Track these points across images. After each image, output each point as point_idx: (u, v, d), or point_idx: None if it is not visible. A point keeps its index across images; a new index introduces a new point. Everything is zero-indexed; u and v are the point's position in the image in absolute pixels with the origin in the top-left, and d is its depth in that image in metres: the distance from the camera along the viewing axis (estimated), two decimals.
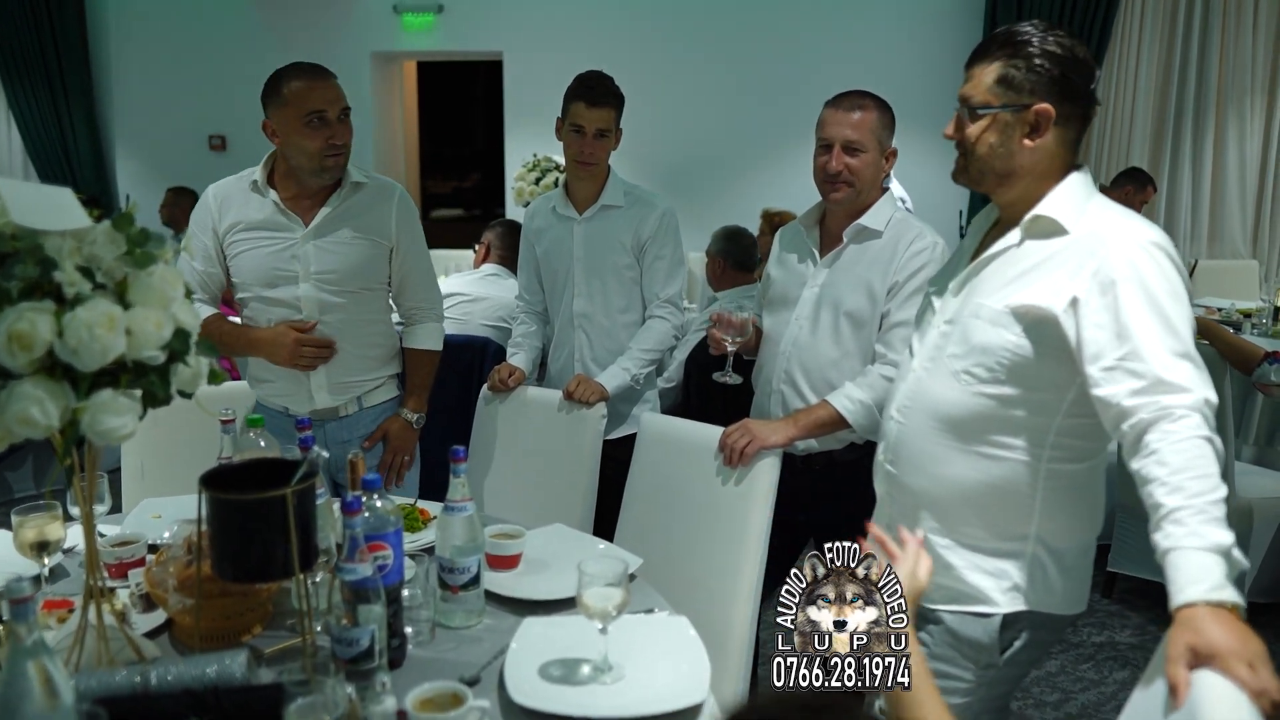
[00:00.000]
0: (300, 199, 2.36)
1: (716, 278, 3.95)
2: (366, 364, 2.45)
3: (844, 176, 2.19)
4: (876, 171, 2.22)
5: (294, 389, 2.41)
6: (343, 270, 2.37)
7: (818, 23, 6.40)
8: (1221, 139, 5.88)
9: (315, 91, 2.26)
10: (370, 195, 2.41)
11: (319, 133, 2.26)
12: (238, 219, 2.37)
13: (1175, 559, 1.30)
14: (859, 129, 2.19)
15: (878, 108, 2.23)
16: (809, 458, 2.27)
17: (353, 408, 2.46)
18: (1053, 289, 1.56)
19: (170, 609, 1.54)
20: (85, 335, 1.18)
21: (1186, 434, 1.37)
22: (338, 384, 2.42)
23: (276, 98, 2.29)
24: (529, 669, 1.49)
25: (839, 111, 2.23)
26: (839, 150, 2.20)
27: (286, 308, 2.36)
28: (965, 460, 1.66)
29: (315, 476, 1.48)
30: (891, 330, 2.18)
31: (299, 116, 2.25)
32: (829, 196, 2.24)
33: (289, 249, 2.35)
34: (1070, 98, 1.60)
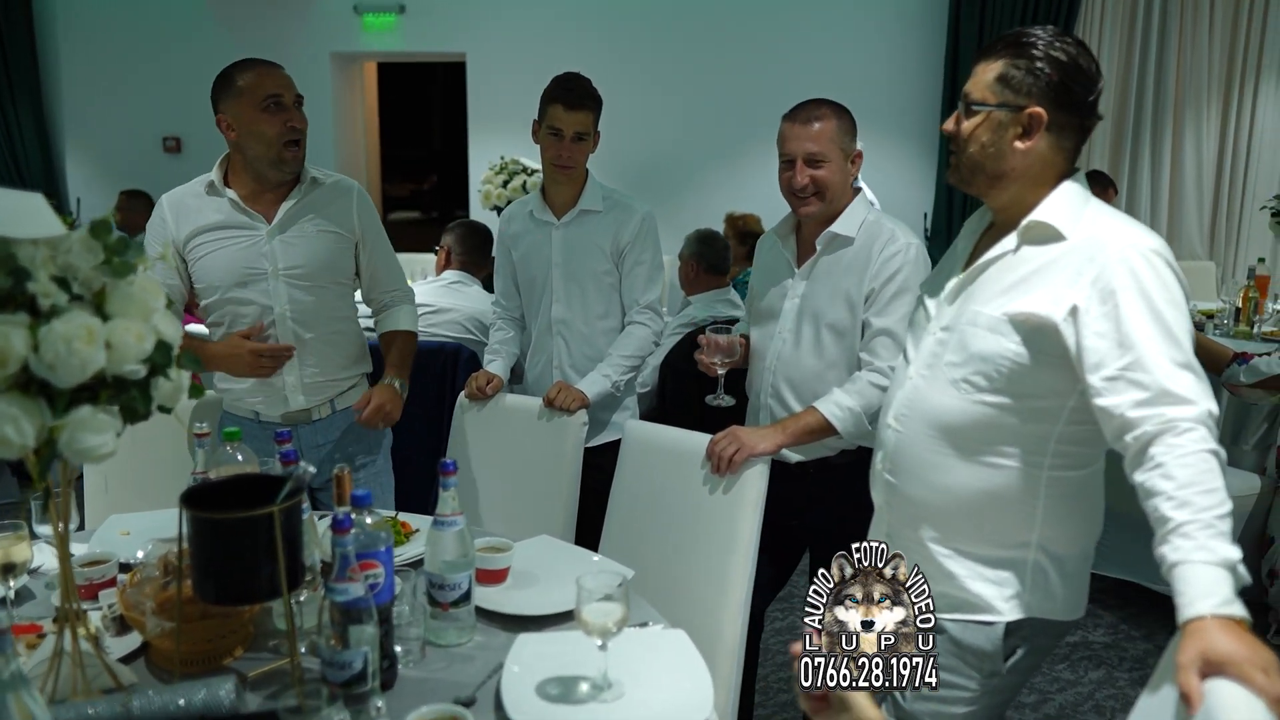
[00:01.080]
0: (259, 196, 2.33)
1: (689, 281, 3.92)
2: (338, 362, 2.42)
3: (810, 190, 2.17)
4: (844, 178, 2.19)
5: (266, 391, 2.36)
6: (311, 264, 2.34)
7: (782, 25, 6.40)
8: (1179, 142, 5.98)
9: (269, 78, 2.25)
10: (329, 191, 2.39)
11: (276, 117, 2.22)
12: (197, 224, 2.32)
13: (1184, 573, 1.29)
14: (819, 140, 2.16)
15: (835, 115, 2.19)
16: (803, 464, 2.24)
17: (326, 410, 2.41)
18: (1051, 297, 1.54)
19: (148, 633, 1.48)
20: (63, 349, 1.12)
21: (1192, 448, 1.36)
22: (312, 384, 2.38)
23: (230, 90, 2.25)
24: (526, 688, 1.45)
25: (796, 125, 2.19)
26: (801, 164, 2.17)
27: (258, 306, 2.32)
28: (966, 469, 1.64)
29: (302, 493, 1.42)
30: (875, 338, 2.16)
31: (255, 103, 2.21)
32: (800, 211, 2.22)
33: (255, 246, 2.31)
34: (1067, 106, 1.59)
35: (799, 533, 2.36)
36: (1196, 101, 5.89)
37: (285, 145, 2.24)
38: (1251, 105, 5.84)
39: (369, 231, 2.44)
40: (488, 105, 6.82)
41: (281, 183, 2.33)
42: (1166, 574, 1.33)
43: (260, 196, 2.33)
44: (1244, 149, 5.93)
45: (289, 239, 2.32)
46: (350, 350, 2.45)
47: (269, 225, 2.32)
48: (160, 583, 1.58)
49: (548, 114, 2.56)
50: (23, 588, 1.78)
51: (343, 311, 2.44)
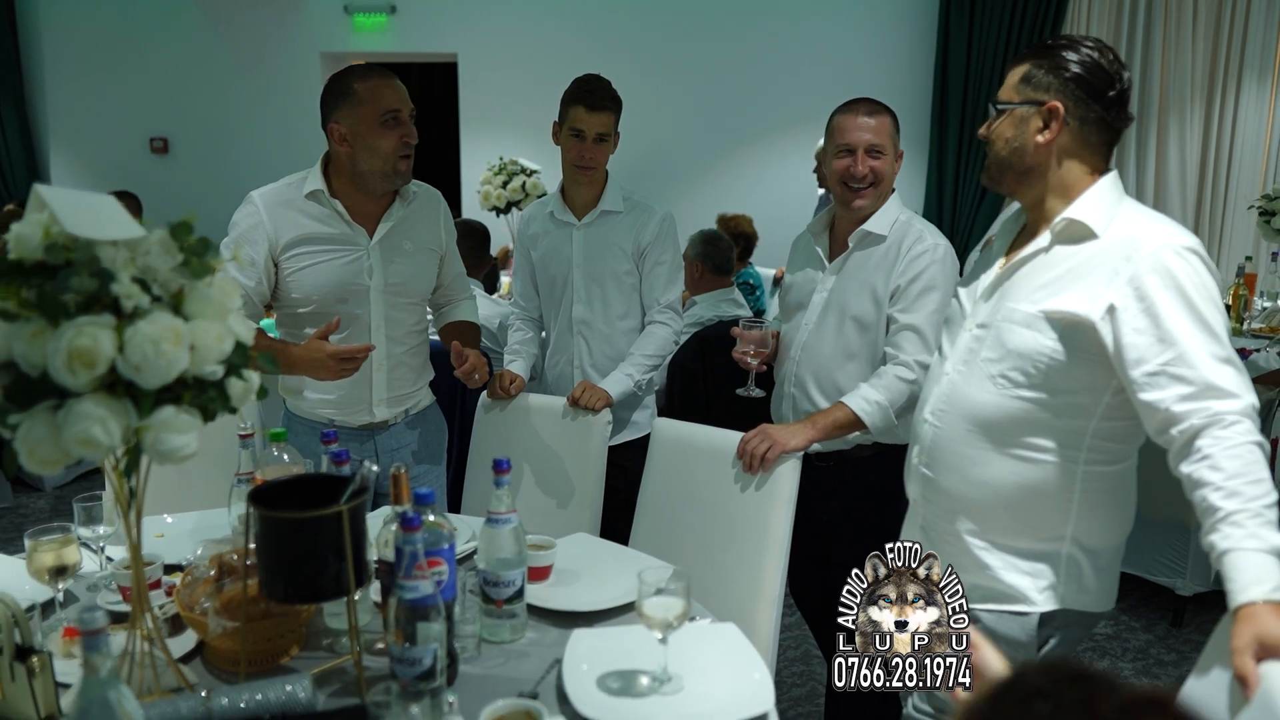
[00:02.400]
0: (360, 207, 2.29)
1: (694, 281, 3.95)
2: (416, 373, 2.45)
3: (869, 180, 2.23)
4: (893, 173, 2.27)
5: (354, 403, 2.35)
6: (408, 281, 2.35)
7: (772, 28, 6.44)
8: (1163, 142, 6.07)
9: (390, 89, 2.20)
10: (422, 204, 2.39)
11: (394, 131, 2.19)
12: (297, 233, 2.26)
13: (1236, 560, 1.34)
14: (879, 133, 2.24)
15: (889, 113, 2.28)
16: (821, 455, 2.29)
17: (401, 418, 2.43)
18: (1088, 295, 1.58)
19: (210, 633, 1.48)
20: (150, 351, 1.13)
21: (1239, 439, 1.41)
22: (396, 396, 2.39)
23: (347, 99, 2.19)
24: (588, 682, 1.47)
25: (858, 117, 2.25)
26: (863, 154, 2.23)
27: (353, 323, 2.29)
28: (1002, 463, 1.68)
29: (367, 493, 1.43)
30: (900, 333, 2.20)
31: (375, 115, 2.17)
32: (853, 203, 2.26)
33: (357, 261, 2.28)
34: (1086, 99, 1.64)
35: (815, 525, 2.40)
36: (1180, 103, 5.99)
37: (400, 158, 2.22)
38: (1234, 106, 5.94)
39: (450, 243, 2.47)
40: (479, 106, 6.81)
41: (386, 194, 2.30)
42: (1216, 562, 1.37)
43: (361, 207, 2.29)
44: (1226, 149, 6.03)
45: (388, 255, 2.31)
46: (424, 359, 2.48)
47: (370, 240, 2.29)
48: (214, 582, 1.59)
49: (569, 115, 2.57)
50: (67, 590, 1.77)
51: (423, 324, 2.46)
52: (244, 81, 6.83)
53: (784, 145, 6.44)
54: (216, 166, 6.84)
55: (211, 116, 6.93)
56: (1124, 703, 0.64)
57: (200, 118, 6.97)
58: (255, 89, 6.82)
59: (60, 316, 1.12)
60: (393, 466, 1.55)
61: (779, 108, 6.48)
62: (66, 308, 1.13)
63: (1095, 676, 0.67)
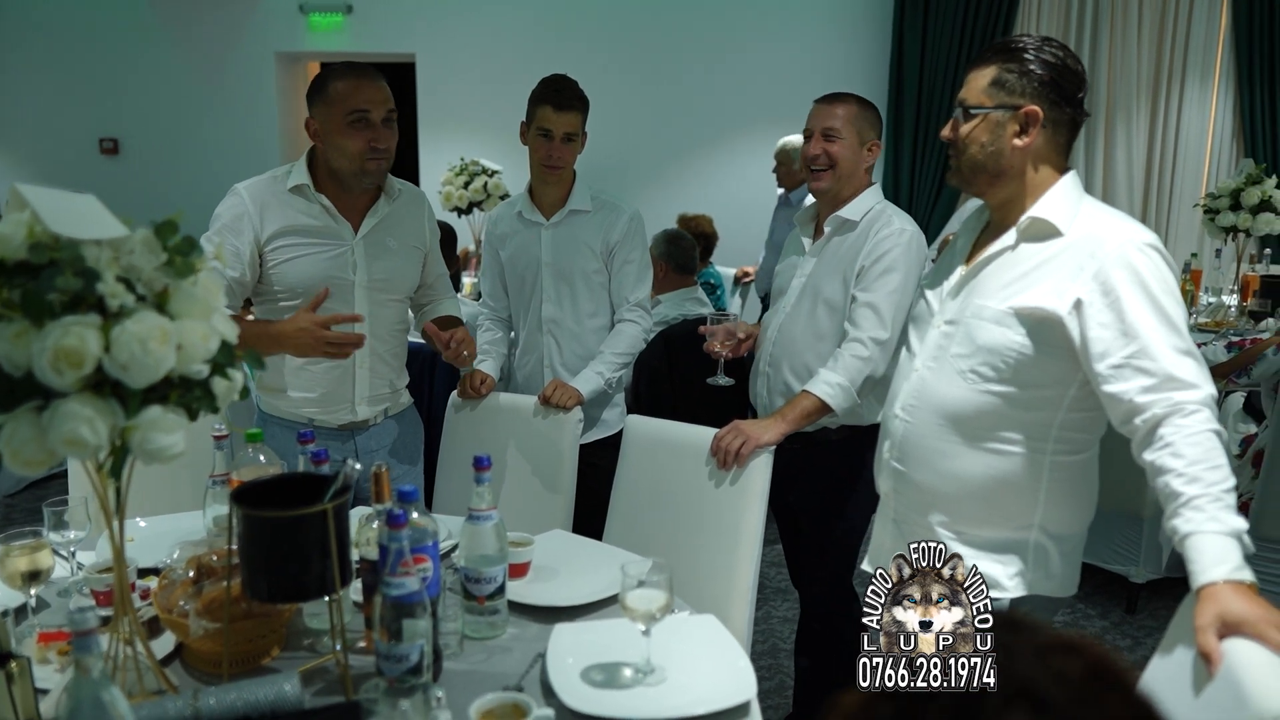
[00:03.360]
0: (342, 201, 2.29)
1: (658, 281, 3.96)
2: (397, 373, 2.45)
3: (823, 162, 2.32)
4: (855, 158, 2.33)
5: (337, 401, 2.34)
6: (392, 277, 2.36)
7: (731, 29, 6.50)
8: (1110, 142, 6.23)
9: (361, 91, 2.19)
10: (406, 201, 2.40)
11: (361, 134, 2.19)
12: (284, 224, 2.25)
13: (1197, 542, 1.39)
14: (836, 117, 2.32)
15: (858, 102, 2.36)
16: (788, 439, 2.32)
17: (381, 418, 2.42)
18: (1054, 291, 1.63)
19: (191, 634, 1.47)
20: (137, 350, 1.12)
21: (1199, 427, 1.47)
22: (377, 395, 2.39)
23: (321, 95, 2.21)
24: (572, 675, 1.49)
25: (821, 105, 2.37)
26: (818, 136, 2.33)
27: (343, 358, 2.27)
28: (973, 456, 1.73)
29: (350, 491, 1.44)
30: (858, 310, 2.27)
31: (342, 115, 2.18)
32: (812, 186, 2.38)
33: (342, 255, 2.28)
34: (1059, 103, 1.69)
35: (782, 509, 2.50)
36: (1126, 103, 6.15)
37: (368, 160, 2.22)
38: (1178, 107, 6.11)
39: (433, 242, 2.48)
40: (438, 106, 6.79)
41: (368, 190, 2.31)
42: (1179, 544, 1.43)
43: (345, 203, 2.30)
44: (1171, 149, 6.20)
45: (373, 251, 2.32)
46: (404, 359, 2.49)
47: (355, 235, 2.30)
48: (192, 584, 1.58)
49: (537, 115, 2.58)
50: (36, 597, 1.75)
51: (405, 323, 2.47)
52: (197, 81, 6.73)
53: (742, 145, 6.50)
54: (169, 168, 6.74)
55: (164, 117, 6.82)
56: (1041, 645, 0.69)
57: (152, 118, 6.86)
58: (209, 89, 6.72)
59: (45, 316, 1.12)
60: (374, 465, 1.56)
61: (737, 108, 6.54)
62: (52, 307, 1.12)
63: (1020, 622, 0.73)
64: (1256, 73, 5.83)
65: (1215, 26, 6.02)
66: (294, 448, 1.81)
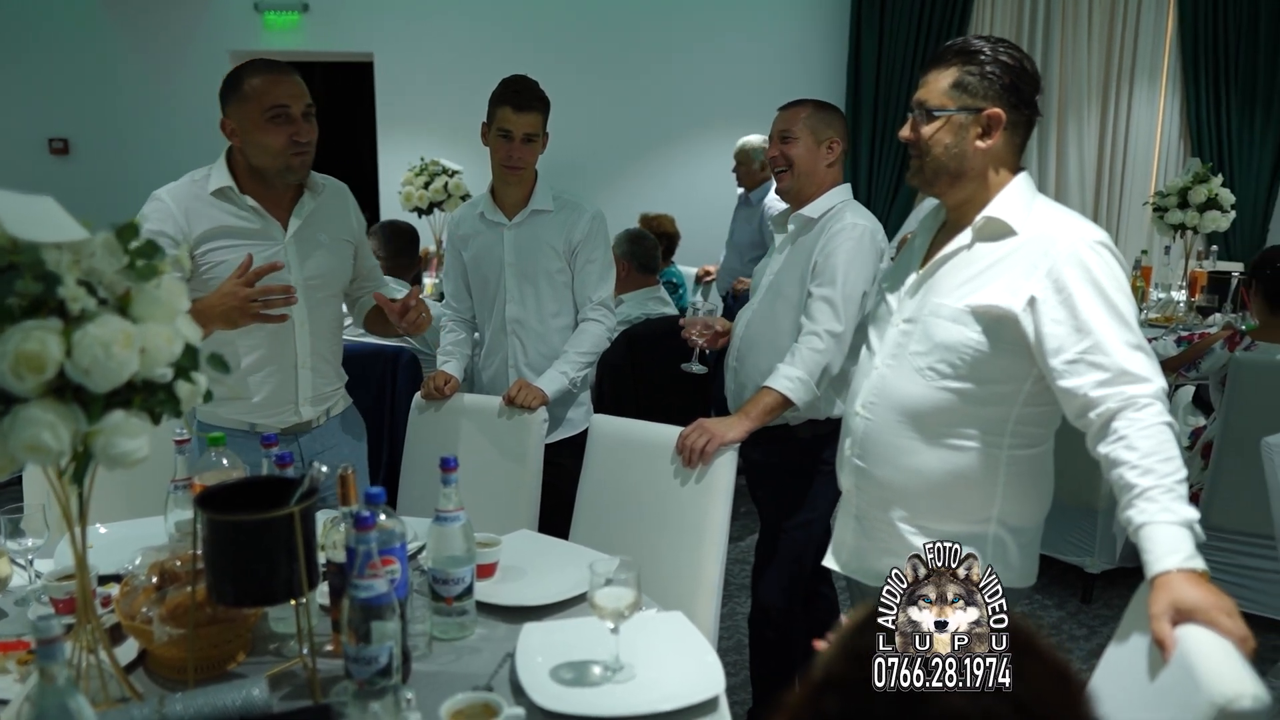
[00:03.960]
0: (270, 204, 2.26)
1: (621, 280, 3.97)
2: (336, 371, 2.44)
3: (781, 164, 2.40)
4: (812, 157, 2.39)
5: (281, 404, 2.31)
6: (326, 274, 2.33)
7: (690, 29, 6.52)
8: (1062, 142, 6.35)
9: (278, 86, 2.15)
10: (331, 195, 2.37)
11: (283, 129, 2.15)
12: (213, 226, 2.20)
13: (1151, 532, 1.43)
14: (791, 119, 2.40)
15: (814, 105, 2.42)
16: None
17: (324, 418, 2.40)
18: (1010, 289, 1.67)
19: (155, 641, 1.46)
20: (100, 354, 1.11)
21: (1151, 420, 1.51)
22: (320, 394, 2.37)
23: (236, 94, 2.17)
24: (542, 674, 1.49)
25: (779, 112, 2.43)
26: (775, 139, 2.42)
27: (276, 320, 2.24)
28: (932, 452, 1.76)
29: (317, 494, 1.43)
30: (812, 304, 2.31)
31: (260, 112, 2.14)
32: (777, 186, 2.47)
33: (276, 255, 2.23)
34: (1018, 104, 1.72)
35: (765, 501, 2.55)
36: (1078, 104, 6.27)
37: (292, 155, 2.18)
38: (1127, 107, 6.25)
39: (361, 232, 2.47)
40: (397, 106, 6.74)
41: (289, 188, 2.27)
42: (1133, 535, 1.46)
43: (269, 201, 2.25)
44: (1121, 148, 6.34)
45: (305, 248, 2.29)
46: (340, 358, 2.47)
47: (285, 233, 2.27)
48: (155, 591, 1.56)
49: (497, 116, 2.58)
50: None
51: (341, 319, 2.46)
52: (150, 80, 6.62)
53: (703, 145, 6.53)
54: (121, 168, 6.62)
55: (115, 116, 6.70)
56: None
57: (103, 118, 6.73)
58: (161, 88, 6.61)
59: (5, 321, 1.10)
60: (339, 468, 1.55)
61: (697, 108, 6.57)
62: (11, 312, 1.11)
63: None
64: (1202, 73, 5.98)
65: (1162, 28, 6.16)
66: (241, 453, 1.80)
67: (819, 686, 0.77)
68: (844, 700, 0.75)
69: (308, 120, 2.20)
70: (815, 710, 0.76)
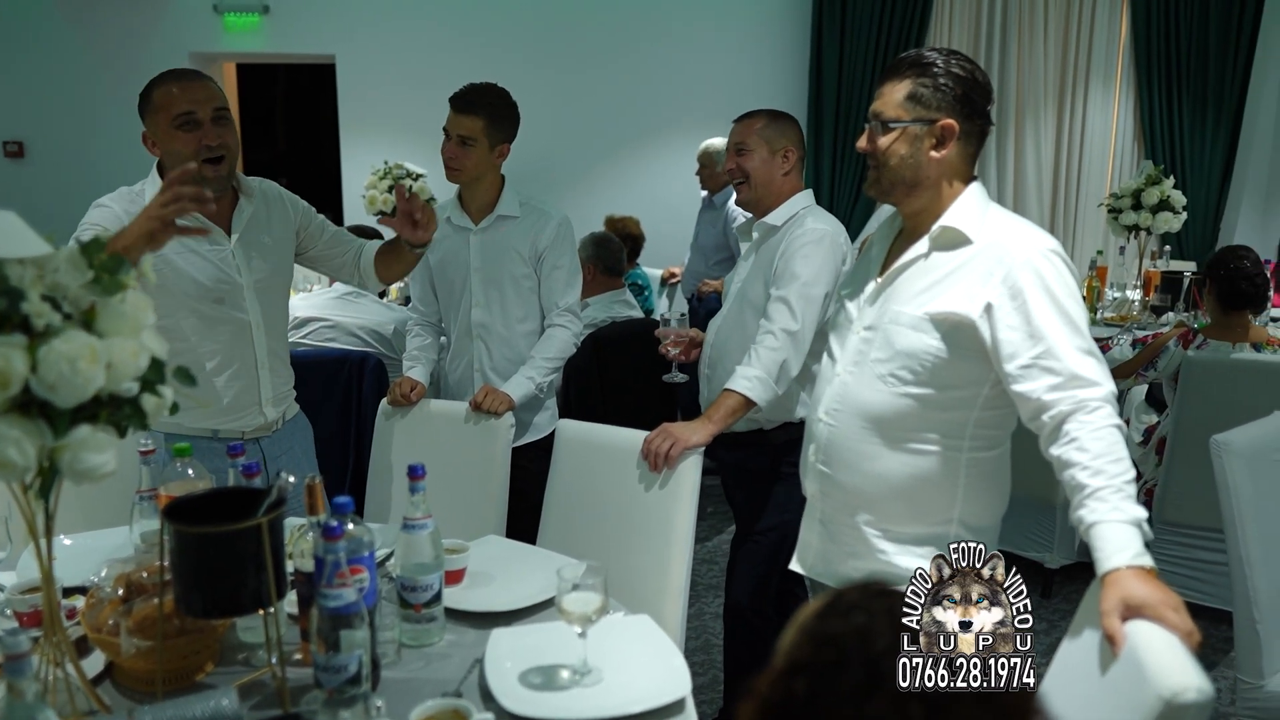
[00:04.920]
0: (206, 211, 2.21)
1: (586, 284, 3.98)
2: (288, 369, 2.44)
3: (738, 175, 2.45)
4: (768, 168, 2.43)
5: (245, 407, 2.31)
6: (273, 274, 2.35)
7: (653, 30, 6.55)
8: (1020, 144, 6.46)
9: (185, 93, 2.15)
10: (265, 197, 2.37)
11: (191, 135, 2.14)
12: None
13: (1101, 531, 1.48)
14: (745, 132, 2.44)
15: (768, 115, 2.46)
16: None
17: (281, 422, 2.41)
18: (966, 296, 1.71)
19: (123, 653, 1.46)
20: (66, 369, 1.12)
21: (1101, 423, 1.56)
22: (279, 394, 2.39)
23: (147, 105, 2.18)
24: (511, 679, 1.51)
25: (734, 125, 2.47)
26: (731, 153, 2.45)
27: (233, 323, 2.27)
28: (894, 456, 1.80)
29: (285, 504, 1.44)
30: (771, 304, 2.35)
31: (169, 120, 2.14)
32: (736, 199, 2.52)
33: (224, 260, 2.25)
34: (971, 115, 1.77)
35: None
36: (1035, 107, 6.38)
37: (204, 163, 2.14)
38: (1083, 110, 6.37)
39: (304, 213, 2.44)
40: (360, 108, 6.70)
41: (221, 195, 2.25)
42: (1084, 534, 1.51)
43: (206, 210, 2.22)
44: (1077, 150, 6.46)
45: (250, 251, 2.30)
46: (289, 358, 2.47)
47: (229, 238, 2.28)
48: (122, 602, 1.56)
49: (447, 116, 2.62)
50: None
51: (287, 320, 2.49)
52: (107, 82, 6.51)
53: (668, 148, 6.56)
54: (78, 171, 6.51)
55: (72, 118, 6.59)
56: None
57: (59, 120, 6.62)
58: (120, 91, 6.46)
59: None
60: (306, 477, 1.56)
61: (661, 110, 6.60)
62: None
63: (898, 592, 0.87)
64: (1155, 77, 6.11)
65: (1116, 33, 6.29)
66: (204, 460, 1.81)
67: (786, 671, 0.81)
68: (811, 680, 0.79)
69: (218, 124, 2.16)
70: (785, 692, 0.80)
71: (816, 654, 0.81)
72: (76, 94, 6.61)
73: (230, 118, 2.21)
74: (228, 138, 2.19)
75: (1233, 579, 2.28)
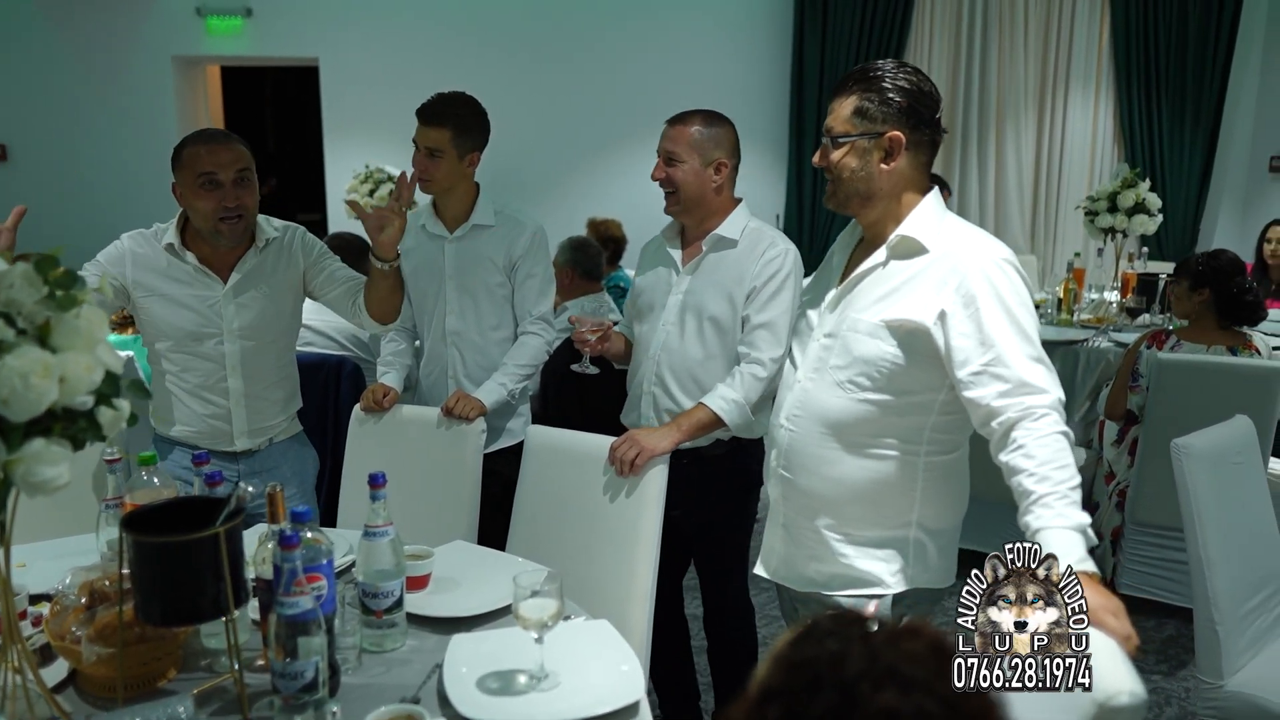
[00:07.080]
0: (214, 256, 2.40)
1: (565, 288, 4.02)
2: (278, 406, 2.53)
3: (667, 186, 2.37)
4: (699, 181, 2.35)
5: (216, 435, 2.44)
6: (262, 324, 2.44)
7: (636, 34, 6.58)
8: (1001, 148, 6.51)
9: (211, 155, 2.29)
10: (280, 247, 2.47)
11: (211, 195, 2.29)
12: (153, 279, 2.38)
13: (1046, 537, 1.51)
14: (677, 141, 2.35)
15: (703, 121, 2.36)
16: (680, 453, 2.38)
17: (265, 445, 2.50)
18: (922, 304, 1.74)
19: (84, 660, 1.48)
20: (18, 384, 1.14)
21: (1048, 430, 1.59)
22: (258, 428, 2.48)
23: (178, 161, 2.34)
24: (468, 684, 1.53)
25: (666, 127, 2.39)
26: (660, 161, 2.38)
27: (211, 361, 2.41)
28: (854, 461, 1.83)
29: (243, 514, 1.46)
30: (754, 331, 2.33)
31: (193, 178, 2.29)
32: (666, 208, 2.42)
33: (212, 306, 2.39)
34: (918, 126, 1.80)
35: (680, 523, 2.49)
36: (1015, 111, 6.43)
37: (220, 220, 2.31)
38: (1063, 114, 6.42)
39: (318, 262, 2.52)
40: (343, 111, 6.71)
41: (232, 247, 2.40)
42: (1030, 539, 1.54)
43: (216, 256, 2.40)
44: (1057, 153, 6.51)
45: (243, 301, 2.42)
46: (287, 392, 2.58)
47: (224, 287, 2.40)
48: (85, 610, 1.58)
49: (416, 128, 2.63)
50: None
51: (285, 358, 2.56)
52: (90, 85, 6.53)
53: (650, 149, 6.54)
54: (61, 174, 6.53)
55: (55, 121, 6.61)
56: (891, 632, 0.82)
57: (42, 123, 6.63)
58: (103, 93, 6.53)
59: None
60: (268, 485, 1.58)
61: (644, 111, 6.58)
62: None
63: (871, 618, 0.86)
64: (1135, 81, 6.16)
65: (1095, 37, 6.34)
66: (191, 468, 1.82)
67: (759, 699, 0.82)
68: (784, 706, 0.80)
69: (239, 186, 2.32)
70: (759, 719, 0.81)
71: (789, 679, 0.82)
72: (59, 97, 6.61)
73: (252, 179, 2.36)
74: (246, 199, 2.34)
75: (1193, 580, 2.31)
